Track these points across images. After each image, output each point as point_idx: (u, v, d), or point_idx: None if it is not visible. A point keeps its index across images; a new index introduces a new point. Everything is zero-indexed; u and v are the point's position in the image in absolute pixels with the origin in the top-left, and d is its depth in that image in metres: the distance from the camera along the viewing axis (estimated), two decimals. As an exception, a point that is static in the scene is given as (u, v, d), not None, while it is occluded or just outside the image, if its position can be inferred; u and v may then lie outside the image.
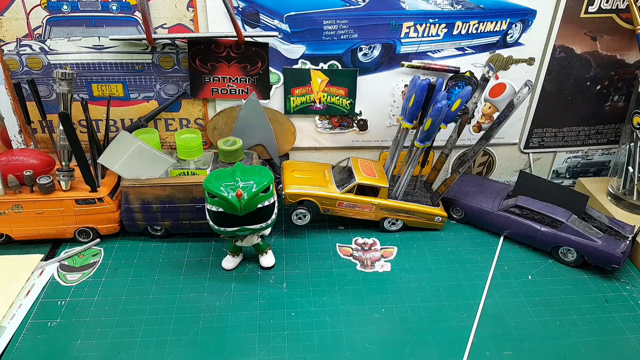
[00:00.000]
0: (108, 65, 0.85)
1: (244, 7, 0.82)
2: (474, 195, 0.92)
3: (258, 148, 0.94)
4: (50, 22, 0.81)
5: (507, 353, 0.66)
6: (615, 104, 0.98)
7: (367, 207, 0.86)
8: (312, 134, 0.96)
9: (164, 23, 0.82)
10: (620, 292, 0.77)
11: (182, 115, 0.92)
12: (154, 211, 0.81)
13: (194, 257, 0.82)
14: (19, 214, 0.79)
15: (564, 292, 0.77)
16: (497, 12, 0.85)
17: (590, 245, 0.79)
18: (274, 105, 0.92)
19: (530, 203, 0.85)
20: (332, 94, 0.91)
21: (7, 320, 0.68)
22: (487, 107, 0.96)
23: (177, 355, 0.64)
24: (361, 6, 0.83)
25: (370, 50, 0.87)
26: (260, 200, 0.69)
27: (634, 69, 0.94)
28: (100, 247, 0.83)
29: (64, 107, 0.76)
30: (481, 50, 0.89)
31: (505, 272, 0.81)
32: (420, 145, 0.85)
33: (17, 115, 0.88)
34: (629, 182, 0.90)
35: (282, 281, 0.77)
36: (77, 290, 0.74)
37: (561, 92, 0.95)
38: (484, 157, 1.03)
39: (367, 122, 0.95)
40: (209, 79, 0.88)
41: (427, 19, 0.85)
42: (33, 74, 0.84)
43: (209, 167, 0.84)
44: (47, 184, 0.78)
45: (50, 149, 0.90)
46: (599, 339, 0.68)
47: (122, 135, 0.80)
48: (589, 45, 0.91)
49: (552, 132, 1.00)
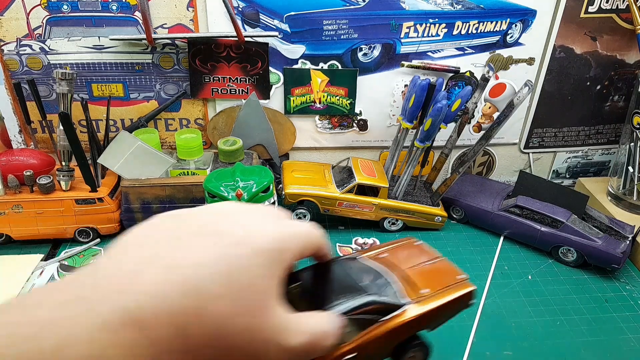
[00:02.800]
0: (108, 65, 0.85)
1: (244, 7, 0.82)
2: (474, 195, 0.92)
3: (258, 148, 0.94)
4: (50, 22, 0.81)
5: (507, 353, 0.66)
6: (615, 104, 0.98)
7: (367, 207, 0.86)
8: (312, 134, 0.96)
9: (164, 23, 0.82)
10: (620, 292, 0.77)
11: (182, 115, 0.92)
12: (154, 211, 0.81)
13: (194, 257, 0.82)
14: (19, 214, 0.79)
15: (564, 292, 0.77)
16: (497, 12, 0.85)
17: (590, 245, 0.79)
18: (274, 105, 0.92)
19: (530, 203, 0.85)
20: (332, 94, 0.91)
21: (7, 320, 0.68)
22: (487, 107, 0.96)
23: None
24: (361, 6, 0.83)
25: (370, 50, 0.87)
26: (260, 200, 0.69)
27: (634, 69, 0.94)
28: (100, 247, 0.83)
29: (64, 107, 0.76)
30: (481, 50, 0.89)
31: (505, 272, 0.81)
32: (420, 145, 0.85)
33: (17, 115, 0.88)
34: (629, 182, 0.90)
35: (282, 281, 0.77)
36: (77, 290, 0.74)
37: (561, 92, 0.95)
38: (484, 157, 1.03)
39: (367, 122, 0.95)
40: (209, 79, 0.88)
41: (427, 19, 0.85)
42: (33, 74, 0.84)
43: (209, 167, 0.84)
44: (47, 184, 0.78)
45: (50, 149, 0.90)
46: (599, 339, 0.68)
47: (122, 135, 0.80)
48: (589, 45, 0.91)
49: (552, 132, 1.00)
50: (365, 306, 0.45)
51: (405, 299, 0.48)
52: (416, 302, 0.48)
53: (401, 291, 0.49)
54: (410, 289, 0.50)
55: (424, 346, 0.50)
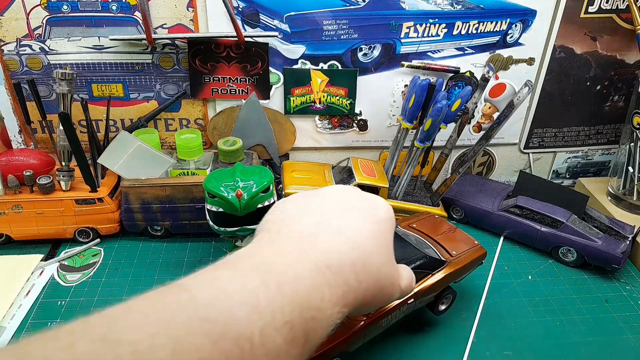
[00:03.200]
0: (108, 65, 0.85)
1: (244, 7, 0.82)
2: (474, 195, 0.92)
3: (258, 148, 0.94)
4: (50, 22, 0.81)
5: (507, 353, 0.66)
6: (615, 104, 0.98)
7: (367, 207, 0.86)
8: (312, 134, 0.96)
9: (164, 23, 0.82)
10: (620, 292, 0.77)
11: (182, 115, 0.92)
12: (154, 211, 0.81)
13: (194, 257, 0.82)
14: (19, 214, 0.79)
15: (564, 292, 0.77)
16: (497, 12, 0.85)
17: (590, 246, 0.79)
18: (274, 105, 0.92)
19: (530, 203, 0.85)
20: (332, 94, 0.91)
21: (7, 320, 0.68)
22: (487, 107, 0.96)
23: (177, 355, 0.64)
24: (361, 6, 0.83)
25: (370, 50, 0.87)
26: (260, 200, 0.69)
27: (634, 69, 0.94)
28: (100, 247, 0.83)
29: (64, 107, 0.76)
30: (481, 50, 0.89)
31: (505, 272, 0.81)
32: (420, 145, 0.85)
33: (17, 115, 0.88)
34: (629, 182, 0.90)
35: (282, 281, 0.77)
36: (77, 290, 0.74)
37: (561, 92, 0.95)
38: (484, 157, 1.03)
39: (367, 122, 0.95)
40: (209, 79, 0.88)
41: (427, 19, 0.85)
42: (33, 74, 0.84)
43: (209, 167, 0.84)
44: (47, 184, 0.78)
45: (50, 149, 0.90)
46: (599, 339, 0.68)
47: (122, 135, 0.80)
48: (589, 45, 0.91)
49: (552, 132, 1.00)
50: (424, 261, 0.63)
51: (444, 257, 0.67)
52: (451, 260, 0.67)
53: (439, 252, 0.68)
54: (443, 250, 0.69)
55: (453, 291, 0.69)
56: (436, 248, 0.69)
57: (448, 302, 0.70)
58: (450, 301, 0.70)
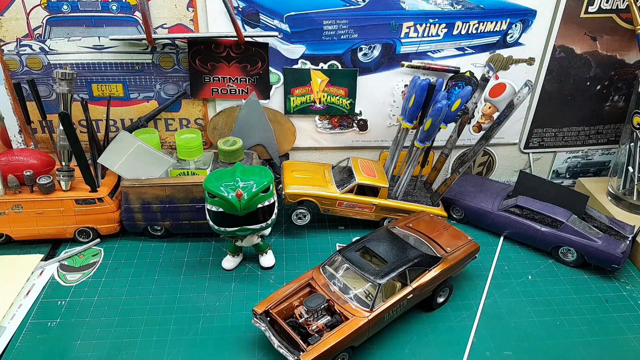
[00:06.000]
0: (108, 65, 0.85)
1: (244, 7, 0.82)
2: (474, 195, 0.92)
3: (258, 148, 0.94)
4: (50, 22, 0.81)
5: (507, 353, 0.66)
6: (615, 104, 0.98)
7: (367, 207, 0.86)
8: (312, 134, 0.96)
9: (164, 23, 0.82)
10: (620, 292, 0.77)
11: (182, 115, 0.92)
12: (154, 211, 0.81)
13: (194, 257, 0.82)
14: (19, 214, 0.79)
15: (564, 292, 0.77)
16: (497, 12, 0.85)
17: (590, 245, 0.79)
18: (274, 105, 0.92)
19: (530, 203, 0.85)
20: (332, 94, 0.91)
21: (7, 320, 0.68)
22: (487, 107, 0.96)
23: (177, 356, 0.64)
24: (361, 6, 0.83)
25: (370, 50, 0.87)
26: (260, 200, 0.69)
27: (634, 69, 0.94)
28: (100, 247, 0.83)
29: (64, 107, 0.76)
30: (481, 50, 0.89)
31: (505, 272, 0.81)
32: (420, 145, 0.85)
33: (17, 115, 0.88)
34: (629, 182, 0.90)
35: (282, 281, 0.77)
36: (77, 290, 0.74)
37: (561, 92, 0.95)
38: (484, 157, 1.03)
39: (367, 122, 0.95)
40: (209, 79, 0.88)
41: (427, 19, 0.85)
42: (33, 74, 0.84)
43: (209, 167, 0.84)
44: (47, 184, 0.78)
45: (50, 149, 0.90)
46: (599, 339, 0.68)
47: (122, 135, 0.80)
48: (589, 45, 0.91)
49: (552, 132, 1.00)
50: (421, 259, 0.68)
51: (439, 254, 0.72)
52: (447, 256, 0.72)
53: (434, 249, 0.73)
54: (439, 247, 0.74)
55: (449, 285, 0.73)
56: (432, 245, 0.74)
57: (445, 295, 0.73)
58: (448, 294, 0.73)
